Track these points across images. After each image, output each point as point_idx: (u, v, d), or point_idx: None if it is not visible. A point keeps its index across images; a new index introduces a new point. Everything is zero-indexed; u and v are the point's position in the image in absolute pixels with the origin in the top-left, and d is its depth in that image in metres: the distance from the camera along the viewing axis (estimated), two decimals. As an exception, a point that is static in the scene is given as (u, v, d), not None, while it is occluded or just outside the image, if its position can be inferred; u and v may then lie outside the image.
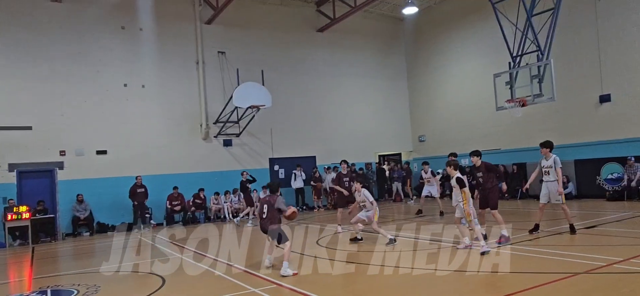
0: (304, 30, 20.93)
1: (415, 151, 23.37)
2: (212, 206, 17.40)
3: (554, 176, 9.21)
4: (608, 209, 12.68)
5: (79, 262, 11.23)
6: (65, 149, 15.95)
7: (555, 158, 9.27)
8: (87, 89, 16.39)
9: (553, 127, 16.88)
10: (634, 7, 14.87)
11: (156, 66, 17.69)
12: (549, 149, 9.38)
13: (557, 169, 9.19)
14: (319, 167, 19.92)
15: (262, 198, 8.19)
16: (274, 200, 7.72)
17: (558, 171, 9.19)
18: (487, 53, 19.05)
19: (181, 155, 17.79)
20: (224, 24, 18.76)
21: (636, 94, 14.92)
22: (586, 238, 8.77)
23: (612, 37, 15.46)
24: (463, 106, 20.65)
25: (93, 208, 15.94)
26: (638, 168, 14.20)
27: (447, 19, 21.26)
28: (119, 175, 16.47)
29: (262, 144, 19.61)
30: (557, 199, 9.21)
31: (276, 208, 7.64)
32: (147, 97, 17.44)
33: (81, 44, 16.41)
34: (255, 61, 18.91)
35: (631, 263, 6.47)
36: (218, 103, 18.29)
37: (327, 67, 21.36)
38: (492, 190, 8.92)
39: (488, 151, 19.39)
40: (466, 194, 8.08)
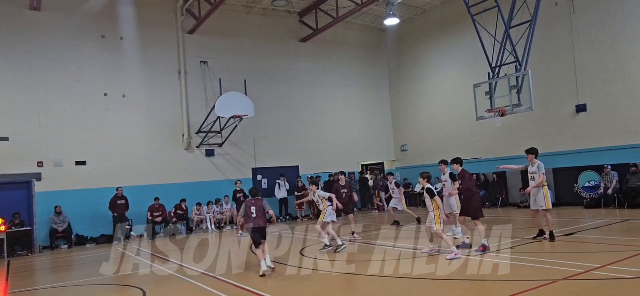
0: (287, 41, 21.00)
1: (397, 161, 23.54)
2: (194, 216, 17.21)
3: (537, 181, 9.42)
4: (585, 217, 12.95)
5: (56, 276, 10.99)
6: (43, 160, 15.62)
7: (539, 164, 9.49)
8: (66, 98, 16.12)
9: (532, 136, 17.17)
10: (607, 20, 15.34)
11: (137, 75, 17.50)
12: (534, 155, 9.59)
13: (540, 174, 9.40)
14: (302, 176, 19.91)
15: (249, 201, 8.53)
16: (261, 202, 8.32)
17: (540, 176, 9.39)
18: (467, 63, 19.39)
19: (162, 165, 17.58)
20: (207, 33, 18.70)
21: (610, 104, 15.33)
22: (565, 245, 8.93)
23: (586, 49, 15.89)
24: (444, 115, 20.93)
25: (72, 220, 15.60)
26: (614, 175, 14.55)
27: (428, 30, 21.58)
28: (98, 186, 16.18)
29: (244, 154, 19.52)
30: (540, 205, 9.40)
31: (263, 208, 8.25)
32: (127, 106, 17.23)
33: (60, 53, 16.15)
34: (237, 70, 18.87)
35: (608, 270, 6.62)
36: (200, 113, 18.17)
37: (310, 77, 21.44)
38: (470, 198, 9.05)
39: (469, 159, 19.65)
40: (436, 202, 8.42)
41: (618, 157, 14.90)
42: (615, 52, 15.21)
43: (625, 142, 14.92)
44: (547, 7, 15.50)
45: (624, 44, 14.96)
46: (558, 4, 16.48)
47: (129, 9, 17.23)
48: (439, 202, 8.49)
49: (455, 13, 19.33)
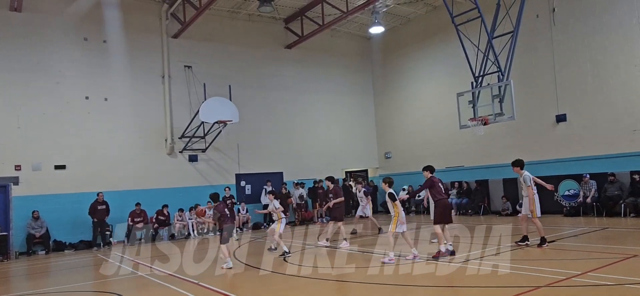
0: (272, 47, 20.98)
1: (381, 168, 23.64)
2: (176, 222, 16.98)
3: (526, 191, 9.62)
4: (565, 225, 13.16)
5: (33, 282, 10.71)
6: (21, 163, 15.26)
7: (524, 175, 9.64)
8: (46, 101, 15.80)
9: (513, 145, 17.46)
10: (587, 32, 15.70)
11: (120, 79, 17.25)
12: (519, 167, 9.77)
13: (526, 186, 9.57)
14: (288, 183, 19.84)
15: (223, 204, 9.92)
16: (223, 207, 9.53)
17: (528, 189, 9.54)
18: (450, 73, 19.62)
19: (144, 170, 17.33)
20: (191, 38, 18.57)
21: (589, 115, 15.66)
22: (546, 252, 9.05)
23: (566, 61, 16.23)
24: (428, 123, 21.12)
25: (50, 226, 15.24)
26: (593, 184, 14.83)
27: (413, 39, 21.80)
28: (78, 191, 15.87)
29: (228, 160, 19.38)
30: (528, 213, 9.58)
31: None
32: (109, 110, 16.97)
33: (41, 55, 15.85)
34: (222, 76, 18.77)
35: (589, 276, 6.73)
36: (184, 118, 17.99)
37: (295, 83, 21.44)
38: (436, 205, 9.25)
39: (452, 168, 19.92)
40: (397, 207, 8.82)
41: (597, 167, 15.21)
42: (594, 64, 15.56)
43: (603, 152, 15.24)
44: (528, 19, 15.80)
45: (603, 57, 15.33)
46: (539, 16, 16.82)
47: (112, 12, 16.99)
48: (400, 207, 8.87)
49: (440, 23, 19.59)
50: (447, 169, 20.08)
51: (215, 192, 11.02)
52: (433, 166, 9.73)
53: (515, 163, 9.84)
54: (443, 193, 9.20)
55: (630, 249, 8.94)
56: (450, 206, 9.14)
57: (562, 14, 16.29)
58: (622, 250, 8.77)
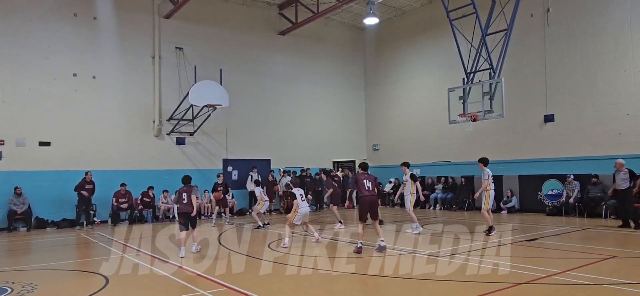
0: (265, 32, 20.82)
1: (368, 160, 23.69)
2: (161, 205, 16.88)
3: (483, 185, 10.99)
4: (547, 224, 13.34)
5: (13, 259, 10.57)
6: (5, 138, 15.02)
7: (485, 171, 11.00)
8: (32, 76, 15.52)
9: (501, 142, 17.63)
10: (579, 35, 15.82)
11: (109, 57, 17.00)
12: (484, 164, 11.11)
13: (483, 179, 10.96)
14: (275, 170, 19.81)
15: (181, 189, 9.39)
16: (191, 190, 9.24)
17: (484, 182, 10.94)
18: (442, 68, 19.67)
19: (131, 151, 17.18)
20: (184, 19, 18.34)
21: (576, 116, 15.84)
22: (527, 250, 9.18)
23: (557, 62, 16.36)
24: (417, 117, 21.20)
25: (32, 202, 15.04)
26: (576, 185, 15.03)
27: (406, 32, 21.78)
28: (62, 168, 15.69)
29: (216, 145, 19.27)
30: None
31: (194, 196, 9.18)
32: (97, 89, 16.73)
33: (29, 29, 15.54)
34: (213, 59, 18.61)
35: (568, 275, 6.84)
36: (173, 100, 17.82)
37: (287, 70, 21.33)
38: (359, 201, 9.42)
39: (439, 162, 20.07)
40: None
41: (581, 168, 15.42)
42: (584, 67, 15.70)
43: (588, 153, 15.45)
44: (523, 17, 15.86)
45: (594, 60, 15.47)
46: (533, 15, 16.89)
47: (103, -12, 16.72)
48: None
49: (434, 17, 19.59)
50: (434, 163, 20.23)
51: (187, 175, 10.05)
52: (366, 163, 10.14)
53: (481, 160, 11.12)
54: (367, 190, 9.17)
55: (609, 250, 9.11)
56: (375, 202, 9.30)
57: (556, 14, 16.38)
58: (602, 250, 8.93)
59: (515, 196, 16.84)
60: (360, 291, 6.75)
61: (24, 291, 6.62)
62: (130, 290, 6.81)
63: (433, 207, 18.60)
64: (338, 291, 6.62)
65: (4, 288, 6.78)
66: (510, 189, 16.88)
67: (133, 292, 6.72)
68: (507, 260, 8.07)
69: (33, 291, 6.67)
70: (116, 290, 6.74)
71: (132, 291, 6.73)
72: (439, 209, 18.22)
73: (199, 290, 6.50)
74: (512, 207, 16.59)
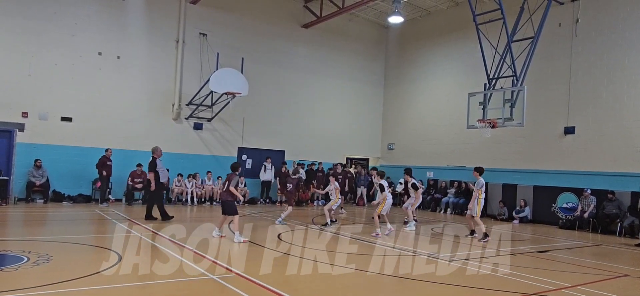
0: (289, 24, 20.87)
1: (382, 158, 23.66)
2: (175, 188, 17.10)
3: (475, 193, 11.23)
4: (559, 236, 13.17)
5: (31, 229, 10.86)
6: (28, 111, 15.36)
7: (478, 181, 11.21)
8: (59, 52, 15.83)
9: (517, 150, 17.42)
10: (608, 48, 15.50)
11: (134, 39, 17.26)
12: (479, 173, 11.37)
13: (475, 189, 11.21)
14: (288, 162, 19.90)
15: (228, 175, 9.73)
16: (231, 178, 9.44)
17: (476, 191, 11.18)
18: (463, 72, 19.50)
19: (149, 133, 17.39)
20: (209, 5, 18.49)
21: (598, 130, 15.57)
22: (537, 261, 9.09)
23: (583, 73, 16.08)
24: (434, 119, 21.06)
25: (50, 176, 15.40)
26: (592, 200, 14.78)
27: (430, 33, 21.62)
28: (81, 145, 16.01)
29: (232, 132, 19.43)
30: (470, 209, 11.32)
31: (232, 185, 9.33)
32: (121, 69, 17.00)
33: (58, 5, 15.83)
34: (236, 47, 18.73)
35: (578, 290, 6.75)
36: (193, 85, 18.01)
37: (307, 63, 21.37)
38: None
39: (453, 166, 19.92)
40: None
41: (599, 183, 15.16)
42: (611, 80, 15.41)
43: (607, 169, 15.19)
44: (550, 27, 15.62)
45: (621, 74, 15.17)
46: (562, 25, 16.61)
47: (133, -30, 16.95)
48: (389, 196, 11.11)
49: (460, 20, 19.40)
50: (448, 167, 20.09)
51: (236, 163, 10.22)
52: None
53: (477, 169, 11.43)
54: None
55: (622, 268, 8.96)
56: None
57: (585, 26, 16.09)
58: (615, 268, 8.79)
59: (528, 206, 16.62)
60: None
61: (39, 261, 6.81)
62: (142, 268, 6.95)
63: (444, 211, 18.48)
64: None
65: (20, 257, 6.98)
66: (523, 199, 16.67)
67: (145, 270, 6.85)
68: (516, 269, 8.02)
69: (48, 262, 6.85)
70: (128, 267, 6.88)
71: (144, 269, 6.86)
72: (450, 214, 18.10)
73: (208, 274, 6.59)
74: (524, 217, 16.40)
